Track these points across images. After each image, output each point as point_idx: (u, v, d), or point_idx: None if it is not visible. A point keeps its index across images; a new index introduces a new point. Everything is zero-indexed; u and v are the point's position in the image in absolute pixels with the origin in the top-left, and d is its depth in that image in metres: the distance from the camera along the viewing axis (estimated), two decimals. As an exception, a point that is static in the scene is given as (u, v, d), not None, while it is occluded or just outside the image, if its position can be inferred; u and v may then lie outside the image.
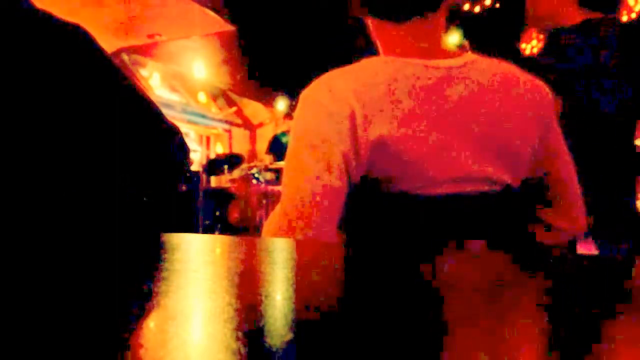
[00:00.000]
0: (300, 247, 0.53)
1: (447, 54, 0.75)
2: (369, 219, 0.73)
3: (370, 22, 0.80)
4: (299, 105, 0.72)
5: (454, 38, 4.12)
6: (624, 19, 3.67)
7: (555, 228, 0.85)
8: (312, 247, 0.56)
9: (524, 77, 0.78)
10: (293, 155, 0.71)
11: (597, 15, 1.42)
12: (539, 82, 0.80)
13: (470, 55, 0.76)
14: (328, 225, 0.67)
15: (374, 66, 0.72)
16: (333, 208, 0.68)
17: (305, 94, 0.72)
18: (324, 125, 0.68)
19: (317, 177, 0.67)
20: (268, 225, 0.71)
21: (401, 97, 0.68)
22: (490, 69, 0.76)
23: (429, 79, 0.71)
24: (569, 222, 0.85)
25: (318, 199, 0.66)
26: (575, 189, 0.84)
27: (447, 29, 0.79)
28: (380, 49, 0.80)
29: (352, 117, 0.67)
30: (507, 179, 0.74)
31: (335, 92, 0.69)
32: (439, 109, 0.69)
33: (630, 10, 3.66)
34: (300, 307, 0.26)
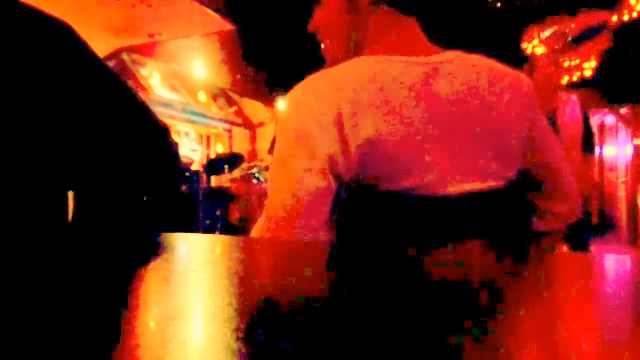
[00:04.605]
0: (300, 248, 0.53)
1: (431, 51, 0.76)
2: (362, 218, 0.73)
3: (373, 18, 0.78)
4: (285, 107, 0.72)
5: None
6: (625, 18, 3.67)
7: (552, 214, 0.86)
8: (311, 247, 0.56)
9: (506, 70, 0.79)
10: (279, 157, 0.71)
11: None
12: (521, 74, 0.81)
13: (453, 52, 0.76)
14: (314, 226, 0.68)
15: (360, 66, 0.72)
16: (319, 208, 0.68)
17: (291, 96, 0.72)
18: (310, 126, 0.68)
19: (302, 179, 0.67)
20: (256, 228, 0.72)
21: (388, 96, 0.68)
22: (474, 64, 0.76)
23: (416, 76, 0.71)
24: (565, 207, 0.86)
25: (303, 200, 0.67)
26: (567, 173, 0.86)
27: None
28: (365, 49, 0.79)
29: (339, 118, 0.67)
30: (501, 172, 0.74)
31: (321, 93, 0.69)
32: (427, 106, 0.69)
33: (631, 9, 3.66)
34: (300, 307, 0.26)
